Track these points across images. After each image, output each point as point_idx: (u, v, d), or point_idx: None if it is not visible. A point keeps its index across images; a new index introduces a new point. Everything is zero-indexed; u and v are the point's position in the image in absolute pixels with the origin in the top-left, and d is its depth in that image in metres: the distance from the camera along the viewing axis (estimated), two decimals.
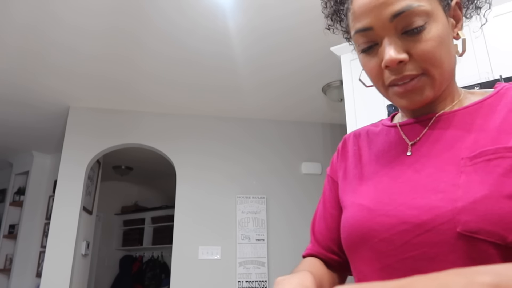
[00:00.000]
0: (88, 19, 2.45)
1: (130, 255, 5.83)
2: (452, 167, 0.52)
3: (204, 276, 3.34)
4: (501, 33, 1.91)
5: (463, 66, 1.98)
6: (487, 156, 0.49)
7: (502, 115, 0.53)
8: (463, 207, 0.47)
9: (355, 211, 0.58)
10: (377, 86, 0.61)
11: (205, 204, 3.58)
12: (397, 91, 0.57)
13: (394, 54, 0.54)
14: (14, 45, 2.68)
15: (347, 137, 0.74)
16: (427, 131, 0.59)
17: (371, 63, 0.58)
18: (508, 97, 0.55)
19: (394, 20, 0.54)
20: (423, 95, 0.56)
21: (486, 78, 1.85)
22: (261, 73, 3.12)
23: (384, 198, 0.55)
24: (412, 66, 0.55)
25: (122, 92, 3.40)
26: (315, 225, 0.74)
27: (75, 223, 3.32)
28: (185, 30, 2.58)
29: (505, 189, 0.46)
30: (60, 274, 3.18)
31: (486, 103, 0.57)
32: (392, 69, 0.55)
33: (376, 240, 0.54)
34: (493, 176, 0.47)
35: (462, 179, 0.49)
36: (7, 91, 3.28)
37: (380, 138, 0.66)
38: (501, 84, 0.60)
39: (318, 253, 0.72)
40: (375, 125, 0.72)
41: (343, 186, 0.67)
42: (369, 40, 0.57)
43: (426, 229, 0.49)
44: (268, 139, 3.86)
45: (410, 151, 0.59)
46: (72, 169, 3.45)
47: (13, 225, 4.70)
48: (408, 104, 0.57)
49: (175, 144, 3.72)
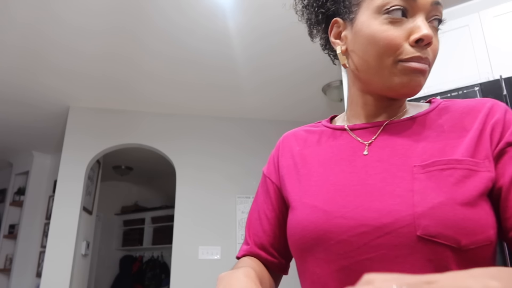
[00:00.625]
0: (88, 19, 2.45)
1: (130, 255, 5.83)
2: (404, 174, 0.54)
3: (204, 276, 3.34)
4: (501, 33, 1.91)
5: (463, 66, 1.98)
6: (440, 166, 0.53)
7: (445, 129, 0.58)
8: (422, 212, 0.49)
9: (307, 212, 0.58)
10: (383, 59, 0.57)
11: (205, 204, 3.58)
12: (410, 65, 0.56)
13: (430, 32, 0.55)
14: (14, 44, 2.68)
15: (286, 136, 0.74)
16: (378, 136, 0.61)
17: (395, 32, 0.56)
18: (449, 112, 0.60)
19: (433, 6, 0.56)
20: (423, 81, 0.58)
21: (486, 78, 1.85)
22: (261, 72, 3.12)
23: (339, 200, 0.56)
24: (429, 54, 0.57)
25: (122, 92, 3.40)
26: (250, 227, 0.73)
27: (75, 223, 3.32)
28: (185, 29, 2.58)
29: (458, 197, 0.50)
30: (60, 274, 3.18)
31: (429, 116, 0.61)
32: (419, 47, 0.56)
33: (333, 242, 0.54)
34: (447, 184, 0.51)
35: (416, 185, 0.52)
36: (7, 91, 3.28)
37: (328, 140, 0.66)
38: (438, 100, 0.64)
39: (254, 254, 0.71)
40: (315, 125, 0.72)
41: (289, 186, 0.65)
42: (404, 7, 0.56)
43: (386, 231, 0.50)
44: (268, 139, 3.85)
45: (367, 151, 0.60)
46: (72, 169, 3.45)
47: (13, 225, 4.70)
48: (411, 82, 0.57)
49: (175, 144, 3.72)
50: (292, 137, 0.72)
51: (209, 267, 3.38)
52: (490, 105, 0.58)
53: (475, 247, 0.48)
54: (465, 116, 0.58)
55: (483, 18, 1.98)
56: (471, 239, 0.48)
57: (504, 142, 0.54)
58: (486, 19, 1.97)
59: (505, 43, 1.89)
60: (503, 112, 0.56)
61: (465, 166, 0.52)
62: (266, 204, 0.71)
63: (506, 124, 0.55)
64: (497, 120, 0.55)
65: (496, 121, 0.55)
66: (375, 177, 0.56)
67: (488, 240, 0.49)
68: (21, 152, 4.71)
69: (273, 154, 0.74)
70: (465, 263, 0.49)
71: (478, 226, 0.49)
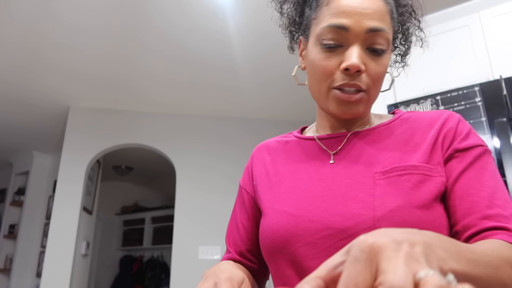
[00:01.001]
0: (89, 18, 2.46)
1: (130, 255, 5.83)
2: (367, 180, 0.58)
3: None
4: (501, 33, 1.91)
5: (463, 66, 1.98)
6: (398, 172, 0.58)
7: (404, 138, 0.62)
8: (382, 215, 0.53)
9: (278, 217, 0.62)
10: (320, 85, 0.63)
11: (205, 204, 3.57)
12: (340, 96, 0.60)
13: (358, 61, 0.58)
14: (15, 43, 2.68)
15: (259, 148, 0.78)
16: (344, 145, 0.65)
17: (329, 61, 0.60)
18: (408, 123, 0.65)
19: (369, 34, 0.59)
20: (358, 108, 0.62)
21: (486, 78, 1.85)
22: (261, 72, 3.12)
23: (307, 205, 0.60)
24: (363, 80, 0.60)
25: (122, 91, 3.41)
26: (230, 236, 0.76)
27: (75, 223, 3.32)
28: (185, 29, 2.58)
29: (414, 201, 0.54)
30: (60, 274, 3.18)
31: (391, 126, 0.65)
32: (348, 74, 0.59)
33: (300, 244, 0.57)
34: (404, 189, 0.56)
35: (377, 190, 0.56)
36: (7, 91, 3.28)
37: (298, 149, 0.70)
38: (400, 111, 0.69)
39: (236, 261, 0.74)
40: (286, 136, 0.76)
41: (261, 194, 0.69)
42: (337, 39, 0.59)
43: (349, 234, 0.54)
44: (267, 138, 3.85)
45: (333, 159, 0.64)
46: (72, 169, 3.45)
47: (13, 225, 4.70)
48: (343, 112, 0.62)
49: (175, 144, 3.72)
50: (264, 148, 0.76)
51: (209, 267, 3.36)
52: (446, 116, 0.63)
53: None
54: (423, 126, 0.63)
55: (483, 18, 1.98)
56: None
57: (453, 148, 0.59)
58: (486, 19, 1.97)
59: (505, 43, 1.89)
60: (456, 122, 0.61)
61: (421, 171, 0.57)
62: (242, 214, 0.75)
63: (457, 132, 0.60)
64: (449, 129, 0.60)
65: (448, 130, 0.61)
66: (340, 183, 0.60)
67: None
68: (21, 152, 4.71)
69: (247, 166, 0.78)
70: None
71: (433, 227, 0.52)
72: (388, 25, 0.60)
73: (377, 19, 0.59)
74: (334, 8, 0.59)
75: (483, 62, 1.92)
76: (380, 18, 0.59)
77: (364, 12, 0.58)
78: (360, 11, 0.58)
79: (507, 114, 1.59)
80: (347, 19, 0.58)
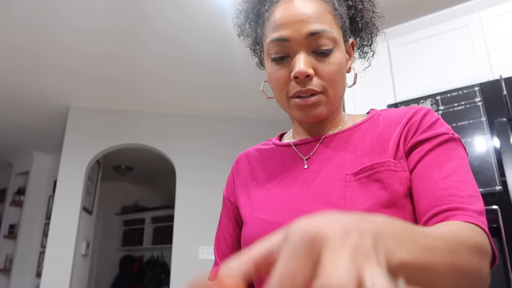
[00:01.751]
0: (89, 18, 2.45)
1: (130, 255, 5.83)
2: (339, 182, 0.59)
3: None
4: (501, 33, 1.91)
5: (463, 66, 1.98)
6: (366, 172, 0.58)
7: (374, 137, 0.63)
8: None
9: (256, 225, 0.63)
10: (280, 96, 0.65)
11: (205, 204, 3.57)
12: (298, 103, 0.62)
13: (304, 67, 0.59)
14: (15, 43, 2.68)
15: (240, 158, 0.79)
16: (317, 149, 0.66)
17: (280, 72, 0.62)
18: (379, 122, 0.65)
19: (309, 38, 0.60)
20: (318, 110, 0.63)
21: (486, 78, 1.85)
22: (262, 72, 3.12)
23: (282, 212, 0.62)
24: (316, 83, 0.61)
25: (122, 91, 3.41)
26: (218, 247, 0.77)
27: (75, 223, 3.32)
28: (185, 29, 2.58)
29: (383, 201, 0.55)
30: (60, 274, 3.18)
31: (362, 127, 0.66)
32: (299, 81, 0.61)
33: None
34: (373, 189, 0.56)
35: (348, 193, 0.58)
36: (8, 91, 3.28)
37: (275, 156, 0.72)
38: (374, 110, 0.70)
39: None
40: (265, 144, 0.78)
41: (242, 203, 0.70)
42: (282, 51, 0.61)
43: None
44: (267, 138, 3.85)
45: (307, 164, 0.65)
46: (72, 169, 3.45)
47: (13, 225, 4.70)
48: (306, 117, 0.63)
49: (175, 144, 3.72)
50: (244, 157, 0.78)
51: (209, 267, 3.37)
52: (414, 110, 0.63)
53: None
54: (392, 123, 0.63)
55: (483, 18, 1.98)
56: None
57: (413, 141, 0.59)
58: (486, 19, 1.97)
59: (505, 43, 1.89)
60: (421, 115, 0.61)
61: (387, 167, 0.58)
62: (227, 224, 0.76)
63: (420, 125, 0.60)
64: (413, 122, 0.61)
65: (412, 123, 0.61)
66: (314, 188, 0.61)
67: None
68: (21, 152, 4.71)
69: (229, 176, 0.80)
70: None
71: None
72: (329, 24, 0.61)
73: (315, 22, 0.59)
74: (273, 22, 0.62)
75: (483, 62, 1.92)
76: (318, 20, 0.60)
77: (300, 19, 0.59)
78: (296, 19, 0.59)
79: (507, 114, 1.59)
80: (286, 30, 0.60)
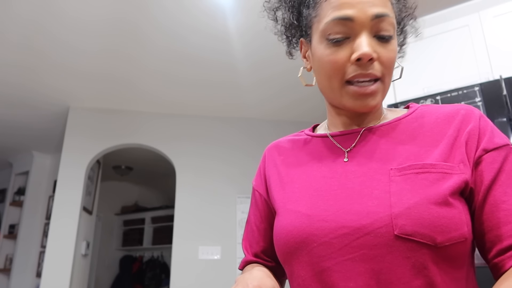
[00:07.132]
0: (89, 16, 2.45)
1: (130, 255, 5.83)
2: (382, 176, 0.57)
3: (204, 276, 3.34)
4: (501, 33, 1.91)
5: (463, 66, 1.98)
6: (415, 169, 0.56)
7: (420, 133, 0.61)
8: (399, 212, 0.52)
9: (292, 218, 0.61)
10: (331, 82, 0.61)
11: (205, 204, 3.57)
12: (356, 91, 0.59)
13: (369, 49, 0.57)
14: (14, 42, 2.67)
15: (270, 148, 0.77)
16: (358, 142, 0.64)
17: (338, 54, 0.59)
18: (424, 117, 0.63)
19: (374, 20, 0.57)
20: (375, 100, 0.60)
21: (486, 78, 1.85)
22: (261, 70, 3.12)
23: (321, 205, 0.59)
24: (377, 68, 0.59)
25: (122, 90, 3.40)
26: (246, 239, 0.78)
27: (75, 223, 3.32)
28: (187, 26, 2.58)
29: (431, 197, 0.53)
30: (60, 274, 3.18)
31: (405, 121, 0.64)
32: (361, 64, 0.58)
33: (316, 245, 0.56)
34: (421, 186, 0.54)
35: (393, 187, 0.55)
36: (8, 91, 3.28)
37: (310, 147, 0.69)
38: (415, 105, 0.67)
39: (251, 262, 0.75)
40: (297, 134, 0.75)
41: (275, 194, 0.68)
42: (343, 31, 0.58)
43: (365, 232, 0.53)
44: (267, 139, 3.84)
45: (347, 157, 0.63)
46: (72, 169, 3.45)
47: (13, 225, 4.70)
48: (361, 106, 0.61)
49: (175, 144, 3.72)
50: (275, 148, 0.76)
51: (209, 267, 3.38)
52: (464, 112, 0.60)
53: (450, 244, 0.51)
54: (440, 122, 0.61)
55: (483, 18, 1.98)
56: (446, 236, 0.51)
57: (481, 149, 0.57)
58: (486, 19, 1.97)
59: (505, 43, 1.89)
60: (477, 119, 0.59)
61: (439, 170, 0.55)
62: (255, 216, 0.76)
63: (481, 130, 0.58)
64: (472, 128, 0.58)
65: (471, 128, 0.58)
66: (354, 181, 0.59)
67: (463, 237, 0.52)
68: (21, 152, 4.71)
69: (259, 167, 0.78)
70: (441, 259, 0.52)
71: (452, 223, 0.51)
72: (391, 11, 0.60)
73: (380, 5, 0.58)
74: (335, 1, 0.58)
75: (483, 62, 1.92)
76: (383, 4, 0.58)
77: (366, 0, 0.57)
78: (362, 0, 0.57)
79: (507, 114, 1.59)
80: (351, 9, 0.57)
